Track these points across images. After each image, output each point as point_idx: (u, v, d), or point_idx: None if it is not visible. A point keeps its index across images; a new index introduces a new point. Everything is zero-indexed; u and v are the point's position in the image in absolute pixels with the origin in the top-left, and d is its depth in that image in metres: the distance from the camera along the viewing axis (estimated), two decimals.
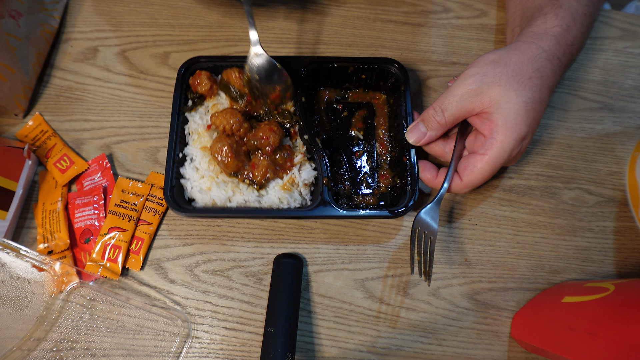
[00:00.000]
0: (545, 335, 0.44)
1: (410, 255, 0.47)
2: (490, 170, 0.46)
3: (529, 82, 0.45)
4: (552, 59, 0.47)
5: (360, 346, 0.49)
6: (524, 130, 0.45)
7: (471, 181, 0.47)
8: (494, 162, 0.46)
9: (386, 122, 0.58)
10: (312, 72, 0.55)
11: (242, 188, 0.50)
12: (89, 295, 0.48)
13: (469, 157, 0.47)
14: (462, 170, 0.47)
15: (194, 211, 0.49)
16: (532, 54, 0.46)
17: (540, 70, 0.46)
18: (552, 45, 0.47)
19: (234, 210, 0.49)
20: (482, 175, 0.46)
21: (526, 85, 0.45)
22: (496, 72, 0.45)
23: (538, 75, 0.46)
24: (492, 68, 0.46)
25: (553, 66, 0.47)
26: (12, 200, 0.50)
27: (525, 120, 0.45)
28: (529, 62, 0.46)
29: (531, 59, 0.46)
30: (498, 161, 0.46)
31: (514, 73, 0.45)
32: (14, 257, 0.47)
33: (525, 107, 0.45)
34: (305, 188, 0.52)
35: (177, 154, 0.51)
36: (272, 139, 0.50)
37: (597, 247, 0.53)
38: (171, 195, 0.49)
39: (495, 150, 0.45)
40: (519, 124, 0.45)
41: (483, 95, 0.45)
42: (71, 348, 0.46)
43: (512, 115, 0.44)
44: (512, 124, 0.44)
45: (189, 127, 0.54)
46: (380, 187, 0.55)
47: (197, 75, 0.54)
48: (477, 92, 0.45)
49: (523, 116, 0.45)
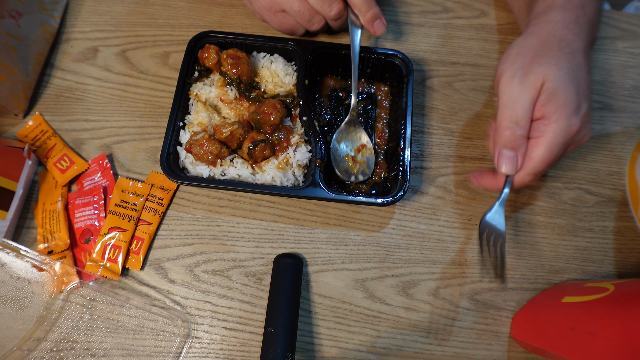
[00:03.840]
0: (545, 335, 0.44)
1: (482, 259, 0.48)
2: (550, 151, 0.43)
3: (559, 53, 0.44)
4: (569, 25, 0.46)
5: (360, 346, 0.49)
6: (574, 100, 0.43)
7: (532, 168, 0.44)
8: (551, 141, 0.43)
9: (387, 114, 0.58)
10: (318, 58, 0.56)
11: (236, 163, 0.51)
12: (89, 295, 0.48)
13: (528, 143, 0.45)
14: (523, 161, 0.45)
15: (187, 179, 0.50)
16: (547, 30, 0.46)
17: (563, 40, 0.45)
18: (561, 15, 0.47)
19: (226, 182, 0.50)
20: (543, 158, 0.44)
21: (559, 57, 0.44)
22: (527, 60, 0.45)
23: (564, 44, 0.45)
24: (522, 58, 0.45)
25: (573, 31, 0.46)
26: (12, 200, 0.50)
27: (572, 90, 0.43)
28: (548, 38, 0.46)
29: (548, 34, 0.46)
30: (557, 139, 0.43)
31: (542, 53, 0.45)
32: (14, 257, 0.47)
33: (568, 76, 0.43)
34: (299, 169, 0.52)
35: (178, 122, 0.52)
36: (274, 115, 0.51)
37: (597, 247, 0.53)
38: (167, 161, 0.50)
39: (551, 128, 0.43)
40: (568, 95, 0.43)
41: (531, 83, 0.44)
42: (71, 348, 0.46)
43: (558, 90, 0.43)
44: (562, 98, 0.43)
45: (192, 94, 0.55)
46: (374, 176, 0.55)
47: (206, 49, 0.55)
48: (526, 84, 0.44)
49: (569, 87, 0.43)
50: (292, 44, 0.56)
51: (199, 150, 0.49)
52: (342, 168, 0.52)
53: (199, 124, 0.53)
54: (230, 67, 0.53)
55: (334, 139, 0.54)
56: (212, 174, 0.50)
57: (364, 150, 0.53)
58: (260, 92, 0.56)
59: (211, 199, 0.54)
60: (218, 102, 0.55)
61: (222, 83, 0.55)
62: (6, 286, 0.47)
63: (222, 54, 0.54)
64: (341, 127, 0.54)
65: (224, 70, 0.53)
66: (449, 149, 0.58)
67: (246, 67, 0.54)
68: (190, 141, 0.51)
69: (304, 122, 0.53)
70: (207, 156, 0.50)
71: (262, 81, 0.57)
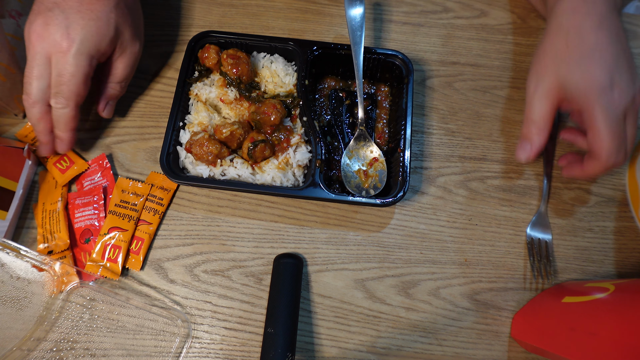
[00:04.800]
0: (545, 335, 0.44)
1: (531, 265, 0.52)
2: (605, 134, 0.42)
3: (567, 46, 0.45)
4: (577, 7, 0.46)
5: (360, 346, 0.49)
6: (602, 76, 0.43)
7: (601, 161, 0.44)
8: (600, 122, 0.42)
9: (387, 114, 0.58)
10: (319, 58, 0.56)
11: (236, 163, 0.51)
12: (89, 295, 0.48)
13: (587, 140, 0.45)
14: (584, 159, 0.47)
15: (187, 179, 0.50)
16: (556, 25, 0.47)
17: (571, 28, 0.46)
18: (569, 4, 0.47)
19: (226, 182, 0.50)
20: (602, 141, 0.43)
21: (567, 50, 0.45)
22: (541, 65, 0.47)
23: (572, 33, 0.45)
24: (536, 64, 0.48)
25: (581, 12, 0.46)
26: (12, 200, 0.50)
27: (594, 70, 0.43)
28: (557, 33, 0.47)
29: (557, 29, 0.47)
30: (603, 118, 0.42)
31: (551, 53, 0.46)
32: (14, 257, 0.47)
33: (580, 62, 0.44)
34: (299, 169, 0.52)
35: (178, 122, 0.52)
36: (274, 115, 0.51)
37: (597, 247, 0.53)
38: (167, 161, 0.50)
39: (592, 117, 0.43)
40: (594, 74, 0.43)
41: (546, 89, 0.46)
42: (71, 348, 0.46)
43: (574, 82, 0.44)
44: (583, 86, 0.43)
45: (192, 94, 0.55)
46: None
47: (206, 49, 0.55)
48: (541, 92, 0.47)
49: (587, 72, 0.43)
50: (292, 44, 0.56)
51: (199, 150, 0.49)
52: (353, 184, 0.52)
53: (199, 124, 0.53)
54: (230, 67, 0.53)
55: (344, 155, 0.53)
56: (212, 174, 0.50)
57: (376, 164, 0.53)
58: (260, 92, 0.56)
59: (211, 199, 0.54)
60: (218, 102, 0.55)
61: (222, 83, 0.55)
62: (6, 286, 0.47)
63: (222, 54, 0.54)
64: (350, 143, 0.54)
65: (224, 70, 0.53)
66: (449, 149, 0.58)
67: (246, 67, 0.54)
68: (190, 141, 0.51)
69: (304, 122, 0.53)
70: (207, 156, 0.50)
71: (262, 81, 0.57)
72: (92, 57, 0.47)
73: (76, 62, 0.45)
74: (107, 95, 0.53)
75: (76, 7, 0.45)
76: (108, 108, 0.54)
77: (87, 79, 0.47)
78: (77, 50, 0.45)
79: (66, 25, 0.45)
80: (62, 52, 0.45)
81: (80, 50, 0.45)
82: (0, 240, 0.47)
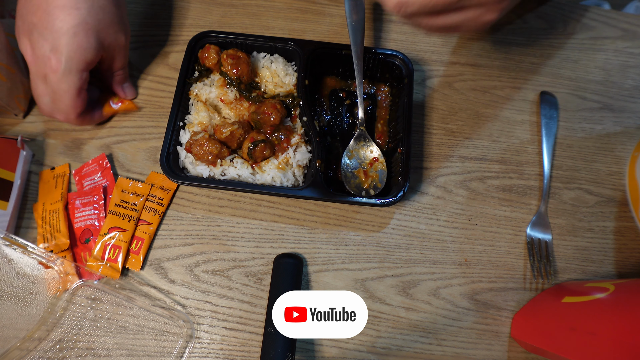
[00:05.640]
0: (545, 335, 0.44)
1: (531, 265, 0.52)
2: None
3: None
4: None
5: (360, 346, 0.49)
6: None
7: None
8: None
9: (387, 114, 0.58)
10: (318, 58, 0.56)
11: (236, 163, 0.51)
12: (93, 295, 0.48)
13: None
14: None
15: (187, 179, 0.50)
16: None
17: None
18: None
19: (226, 182, 0.50)
20: None
21: None
22: None
23: None
24: None
25: None
26: (12, 190, 0.50)
27: None
28: None
29: None
30: None
31: None
32: (20, 254, 0.47)
33: None
34: (299, 169, 0.52)
35: (178, 122, 0.53)
36: (274, 115, 0.51)
37: (597, 247, 0.54)
38: (167, 161, 0.50)
39: None
40: None
41: None
42: (74, 347, 0.46)
43: None
44: None
45: (192, 94, 0.55)
46: None
47: (206, 49, 0.55)
48: None
49: None
50: (292, 44, 0.56)
51: (199, 150, 0.49)
52: (353, 184, 0.52)
53: (199, 123, 0.53)
54: (230, 67, 0.53)
55: (344, 155, 0.53)
56: (212, 174, 0.51)
57: (376, 164, 0.53)
58: (260, 92, 0.56)
59: (211, 199, 0.54)
60: (218, 102, 0.55)
61: (222, 83, 0.55)
62: (12, 282, 0.47)
63: (222, 54, 0.54)
64: (350, 143, 0.54)
65: (224, 70, 0.53)
66: (449, 149, 0.58)
67: (246, 67, 0.54)
68: (190, 141, 0.51)
69: (304, 122, 0.53)
70: (207, 156, 0.50)
71: (262, 81, 0.57)
72: (81, 71, 0.47)
73: (66, 79, 0.47)
74: (117, 82, 0.56)
75: (50, 27, 0.45)
76: (127, 90, 0.57)
77: (81, 92, 0.49)
78: (65, 69, 0.46)
79: (49, 48, 0.46)
80: (53, 72, 0.46)
81: (68, 68, 0.46)
82: (8, 236, 0.47)
